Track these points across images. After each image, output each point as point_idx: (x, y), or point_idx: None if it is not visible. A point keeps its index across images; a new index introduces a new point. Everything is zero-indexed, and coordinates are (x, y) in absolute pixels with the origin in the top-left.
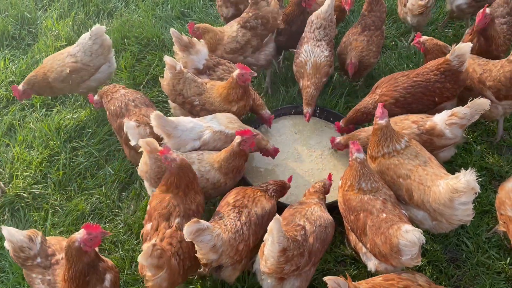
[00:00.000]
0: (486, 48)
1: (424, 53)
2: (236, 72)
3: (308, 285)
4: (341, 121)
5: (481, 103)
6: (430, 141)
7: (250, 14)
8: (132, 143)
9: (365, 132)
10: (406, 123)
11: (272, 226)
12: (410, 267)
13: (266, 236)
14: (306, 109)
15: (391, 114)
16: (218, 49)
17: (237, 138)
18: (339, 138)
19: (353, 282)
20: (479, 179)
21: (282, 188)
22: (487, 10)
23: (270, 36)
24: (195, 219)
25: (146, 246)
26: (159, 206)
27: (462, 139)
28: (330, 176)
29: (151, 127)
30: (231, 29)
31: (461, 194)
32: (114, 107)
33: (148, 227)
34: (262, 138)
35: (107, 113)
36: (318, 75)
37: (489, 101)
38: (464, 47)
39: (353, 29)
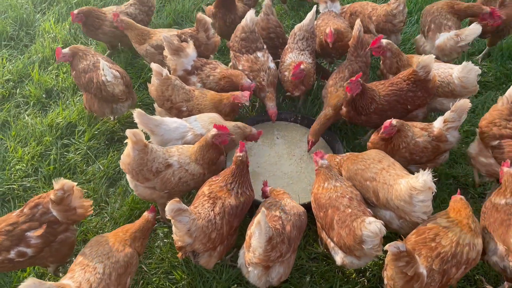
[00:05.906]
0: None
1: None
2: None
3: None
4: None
5: (463, 104)
6: (437, 147)
7: (189, 31)
8: (108, 78)
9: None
10: (417, 130)
11: (259, 218)
12: (373, 257)
13: (252, 228)
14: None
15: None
16: (145, 43)
17: (213, 131)
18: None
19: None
20: (436, 182)
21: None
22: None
23: None
24: (177, 198)
25: None
26: None
27: (457, 143)
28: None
29: (118, 71)
30: (169, 33)
31: (419, 192)
32: (83, 65)
33: None
34: (245, 126)
35: (73, 72)
36: None
37: (469, 100)
38: (427, 58)
39: (340, 73)
